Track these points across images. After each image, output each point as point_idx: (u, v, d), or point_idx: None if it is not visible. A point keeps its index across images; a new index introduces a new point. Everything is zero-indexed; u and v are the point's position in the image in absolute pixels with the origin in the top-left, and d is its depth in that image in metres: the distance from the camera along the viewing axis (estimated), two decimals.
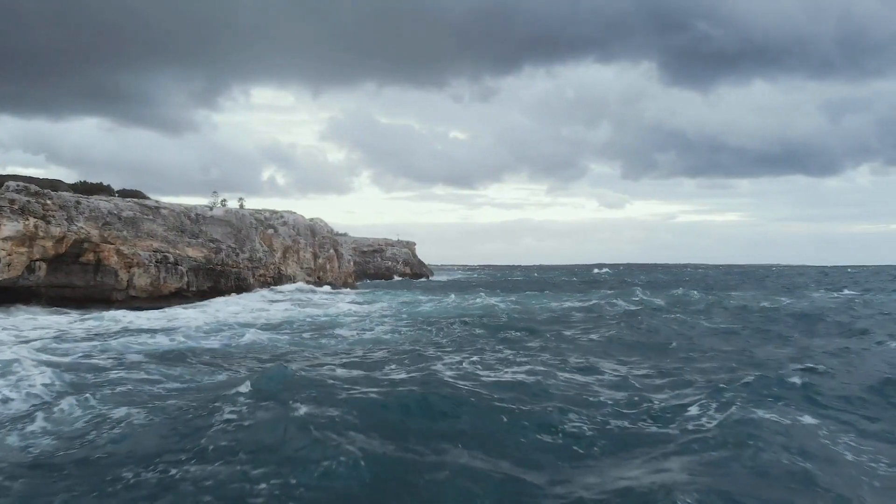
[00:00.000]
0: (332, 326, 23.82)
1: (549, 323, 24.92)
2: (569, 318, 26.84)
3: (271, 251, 40.98)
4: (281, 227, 41.87)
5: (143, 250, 35.44)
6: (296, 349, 18.22)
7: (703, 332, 21.52)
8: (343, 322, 25.57)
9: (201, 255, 37.86)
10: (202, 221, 38.66)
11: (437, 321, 24.70)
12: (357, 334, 21.50)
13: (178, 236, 37.34)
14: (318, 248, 43.34)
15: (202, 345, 18.98)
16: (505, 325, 23.48)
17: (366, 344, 19.21)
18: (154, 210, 36.83)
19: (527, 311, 30.55)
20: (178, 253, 36.88)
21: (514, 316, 27.76)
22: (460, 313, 28.95)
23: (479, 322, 24.00)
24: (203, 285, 37.47)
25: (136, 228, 35.69)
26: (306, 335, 21.49)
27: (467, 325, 22.82)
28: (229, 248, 39.08)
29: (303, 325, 24.43)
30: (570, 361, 14.93)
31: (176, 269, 36.41)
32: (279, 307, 32.19)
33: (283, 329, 23.09)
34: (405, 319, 26.72)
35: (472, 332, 21.45)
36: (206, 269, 37.85)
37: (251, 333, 20.75)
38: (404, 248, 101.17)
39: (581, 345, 18.30)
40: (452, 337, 20.40)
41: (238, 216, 40.13)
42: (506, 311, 30.67)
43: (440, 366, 13.90)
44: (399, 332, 22.15)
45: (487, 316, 27.44)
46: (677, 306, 31.99)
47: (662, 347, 18.05)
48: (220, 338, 20.50)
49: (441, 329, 22.15)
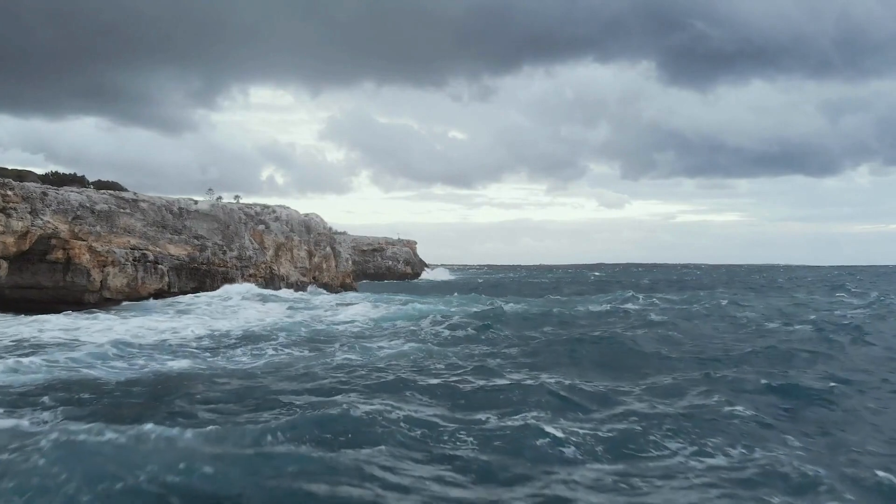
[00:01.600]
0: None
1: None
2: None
3: (262, 249, 37.59)
4: (273, 222, 38.48)
5: (118, 247, 32.02)
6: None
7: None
8: (339, 335, 21.85)
9: (184, 252, 34.45)
10: (186, 216, 35.24)
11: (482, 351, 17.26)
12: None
13: (159, 232, 33.93)
14: (313, 245, 39.95)
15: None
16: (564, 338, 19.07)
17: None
18: (132, 203, 33.40)
19: (569, 322, 25.70)
20: (158, 251, 33.47)
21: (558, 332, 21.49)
22: (486, 330, 21.70)
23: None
24: (186, 286, 34.05)
25: (112, 223, 32.27)
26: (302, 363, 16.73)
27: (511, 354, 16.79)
28: (216, 245, 35.68)
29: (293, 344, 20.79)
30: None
31: (156, 268, 33.00)
32: (253, 314, 27.58)
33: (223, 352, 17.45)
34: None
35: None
36: (190, 269, 34.43)
37: (175, 362, 15.67)
38: (405, 246, 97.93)
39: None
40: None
41: (226, 210, 36.74)
42: (535, 314, 27.06)
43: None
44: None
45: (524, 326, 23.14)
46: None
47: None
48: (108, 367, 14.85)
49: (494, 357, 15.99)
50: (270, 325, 23.53)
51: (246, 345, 18.60)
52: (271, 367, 14.93)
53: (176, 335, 20.71)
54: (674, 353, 16.31)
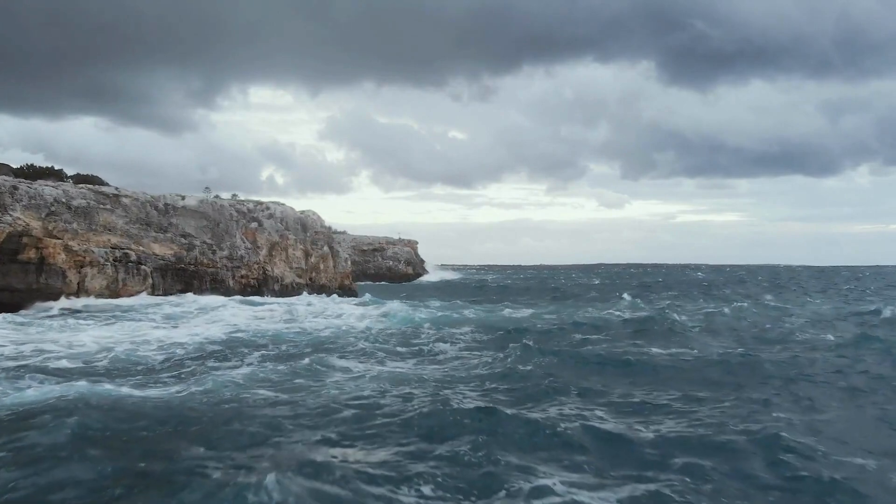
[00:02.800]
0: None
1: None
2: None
3: (255, 248, 35.11)
4: (267, 220, 35.99)
5: (97, 246, 29.56)
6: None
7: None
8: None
9: (170, 252, 31.97)
10: (172, 213, 32.77)
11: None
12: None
13: (143, 230, 31.46)
14: (310, 244, 37.46)
15: None
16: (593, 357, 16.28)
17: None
18: (113, 198, 30.93)
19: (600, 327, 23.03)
20: (141, 250, 31.00)
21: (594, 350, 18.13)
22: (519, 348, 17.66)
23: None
24: (172, 288, 31.58)
25: (90, 220, 29.81)
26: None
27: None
28: (204, 244, 33.20)
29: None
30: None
31: (138, 268, 30.53)
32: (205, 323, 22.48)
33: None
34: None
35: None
36: (176, 270, 31.96)
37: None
38: (406, 246, 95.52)
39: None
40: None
41: (216, 207, 34.25)
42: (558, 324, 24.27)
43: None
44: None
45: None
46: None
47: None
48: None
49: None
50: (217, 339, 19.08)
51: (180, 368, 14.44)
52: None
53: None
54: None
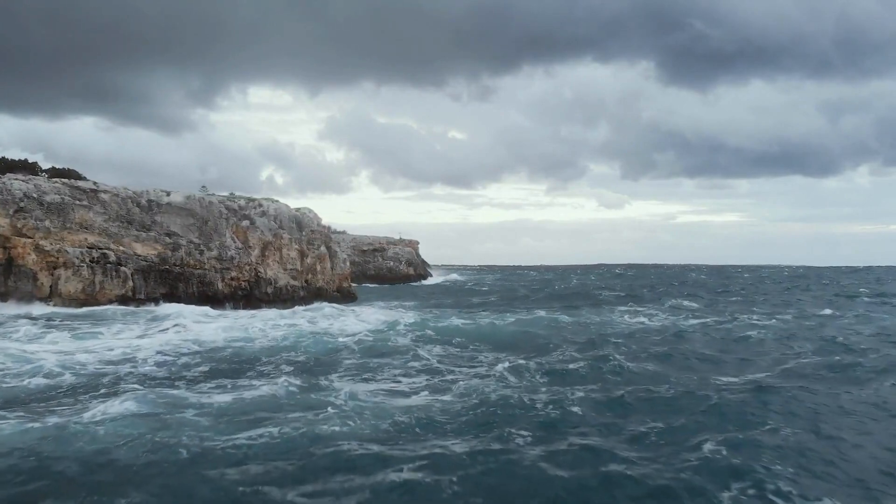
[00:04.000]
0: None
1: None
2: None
3: (246, 248, 32.63)
4: (259, 218, 33.50)
5: (72, 246, 27.11)
6: None
7: None
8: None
9: (153, 252, 29.50)
10: (156, 210, 30.29)
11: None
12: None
13: (124, 228, 28.99)
14: (306, 244, 34.97)
15: None
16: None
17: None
18: (90, 194, 28.46)
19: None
20: (122, 250, 28.54)
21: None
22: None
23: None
24: (155, 291, 29.10)
25: (65, 217, 27.36)
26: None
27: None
28: (191, 243, 30.73)
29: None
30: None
31: (118, 270, 28.05)
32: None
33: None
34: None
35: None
36: (160, 271, 29.48)
37: None
38: (407, 247, 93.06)
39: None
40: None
41: (204, 204, 31.77)
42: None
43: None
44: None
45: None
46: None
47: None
48: None
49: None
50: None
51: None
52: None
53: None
54: None
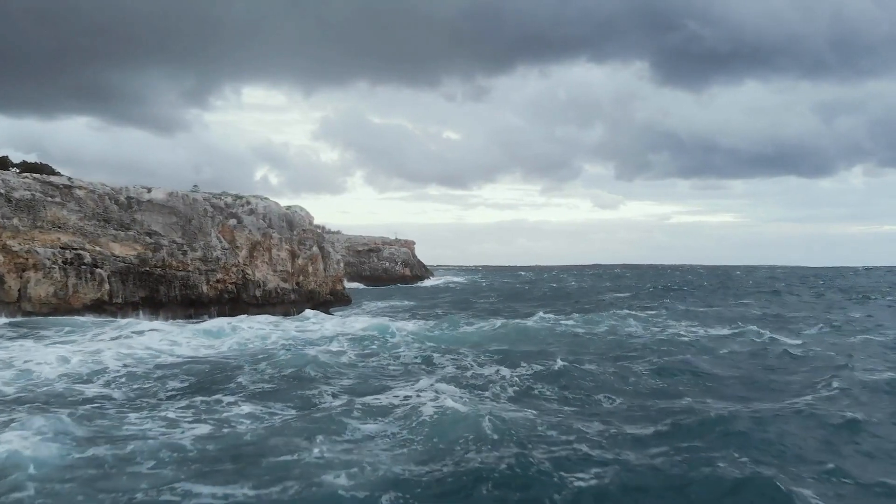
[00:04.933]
0: None
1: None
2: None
3: (233, 248, 30.68)
4: (247, 216, 31.55)
5: (43, 246, 25.14)
6: None
7: None
8: None
9: (133, 252, 27.54)
10: (136, 207, 28.33)
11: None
12: None
13: (100, 227, 27.02)
14: (297, 244, 33.04)
15: None
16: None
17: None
18: (64, 190, 26.49)
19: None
20: (98, 250, 26.57)
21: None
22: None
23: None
24: (133, 295, 27.13)
25: (35, 215, 25.39)
26: None
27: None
28: (174, 243, 28.77)
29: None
30: None
31: (93, 272, 26.08)
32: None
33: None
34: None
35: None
36: (140, 274, 27.52)
37: None
38: (403, 247, 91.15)
39: None
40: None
41: (187, 201, 29.81)
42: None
43: None
44: None
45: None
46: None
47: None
48: None
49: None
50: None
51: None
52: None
53: None
54: None
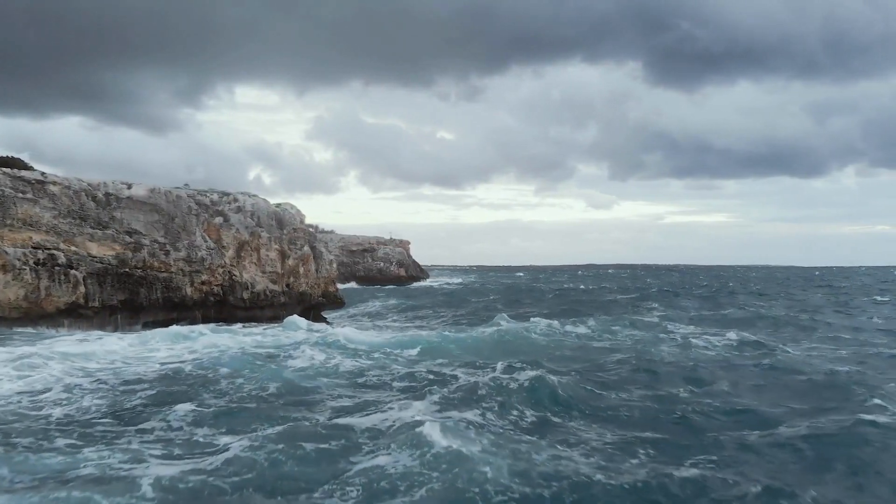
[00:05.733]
0: None
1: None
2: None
3: (220, 248, 29.00)
4: (234, 214, 29.87)
5: (13, 246, 23.40)
6: None
7: None
8: None
9: (111, 253, 25.82)
10: (115, 205, 26.61)
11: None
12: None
13: (76, 225, 25.30)
14: (287, 244, 31.37)
15: None
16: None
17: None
18: (37, 186, 24.76)
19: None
20: (73, 250, 24.85)
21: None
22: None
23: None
24: (111, 298, 25.41)
25: (5, 213, 23.64)
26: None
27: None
28: (156, 243, 27.08)
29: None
30: None
31: (68, 274, 24.36)
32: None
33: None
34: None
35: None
36: (119, 275, 25.79)
37: None
38: (398, 247, 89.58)
39: None
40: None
41: (170, 198, 28.10)
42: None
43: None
44: None
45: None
46: None
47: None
48: None
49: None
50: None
51: None
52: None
53: None
54: None
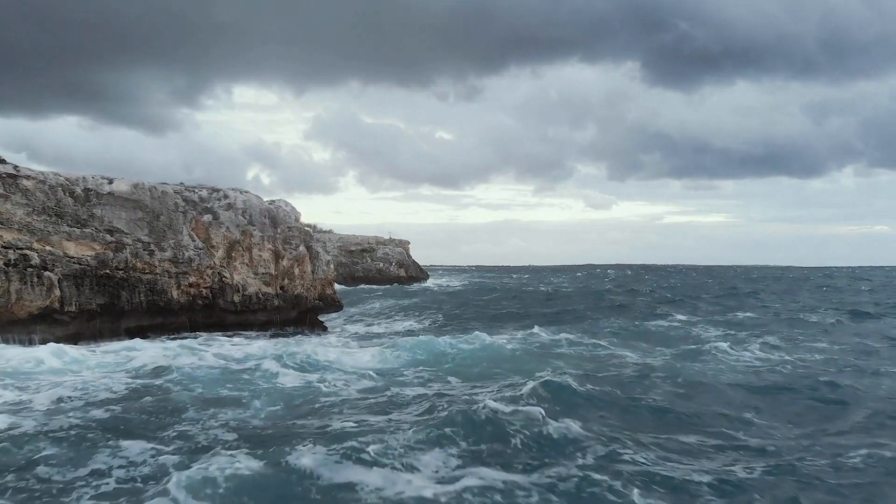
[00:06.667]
0: None
1: None
2: None
3: (208, 248, 27.10)
4: (224, 212, 27.96)
5: None
6: None
7: None
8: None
9: (90, 253, 23.92)
10: (95, 201, 24.71)
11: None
12: None
13: (52, 224, 23.40)
14: (281, 244, 29.47)
15: None
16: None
17: None
18: (8, 181, 22.84)
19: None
20: (48, 250, 22.94)
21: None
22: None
23: None
24: (90, 303, 23.50)
25: None
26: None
27: None
28: (139, 242, 25.18)
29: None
30: None
31: (41, 276, 22.46)
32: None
33: None
34: None
35: None
36: (98, 277, 23.89)
37: None
38: (398, 247, 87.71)
39: None
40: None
41: (155, 194, 26.20)
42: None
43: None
44: None
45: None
46: None
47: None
48: None
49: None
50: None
51: None
52: None
53: None
54: None
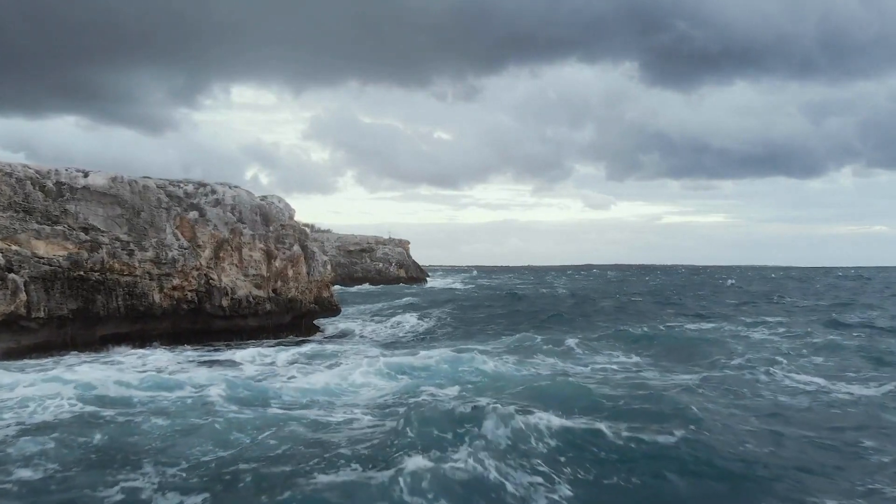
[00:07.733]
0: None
1: None
2: None
3: (194, 248, 24.88)
4: (211, 208, 25.75)
5: None
6: None
7: None
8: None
9: (62, 253, 21.71)
10: (69, 196, 22.50)
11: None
12: None
13: (20, 220, 21.19)
14: (273, 243, 27.26)
15: None
16: None
17: None
18: None
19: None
20: (14, 249, 20.74)
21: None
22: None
23: None
24: (60, 308, 21.27)
25: None
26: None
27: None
28: (117, 241, 22.97)
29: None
30: None
31: (5, 278, 20.25)
32: None
33: None
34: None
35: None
36: (71, 280, 21.68)
37: None
38: (398, 247, 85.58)
39: None
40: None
41: (136, 189, 23.98)
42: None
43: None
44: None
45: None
46: None
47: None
48: None
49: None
50: None
51: None
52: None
53: None
54: None
